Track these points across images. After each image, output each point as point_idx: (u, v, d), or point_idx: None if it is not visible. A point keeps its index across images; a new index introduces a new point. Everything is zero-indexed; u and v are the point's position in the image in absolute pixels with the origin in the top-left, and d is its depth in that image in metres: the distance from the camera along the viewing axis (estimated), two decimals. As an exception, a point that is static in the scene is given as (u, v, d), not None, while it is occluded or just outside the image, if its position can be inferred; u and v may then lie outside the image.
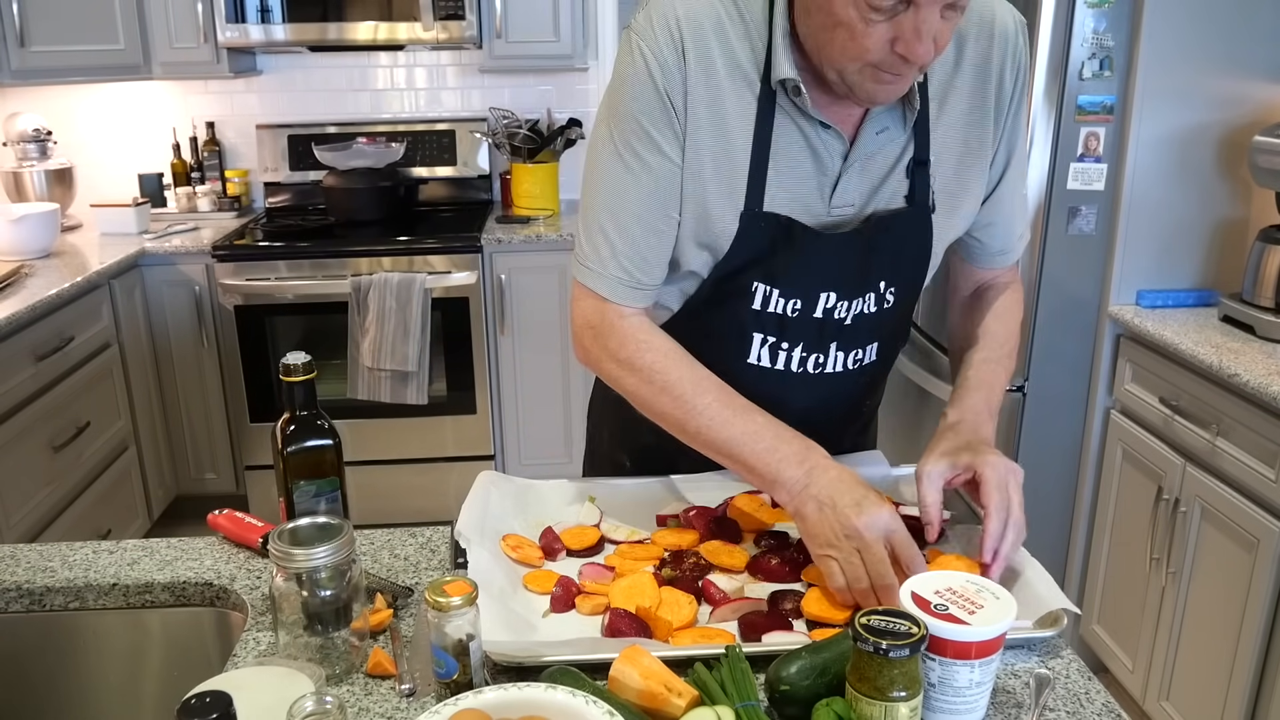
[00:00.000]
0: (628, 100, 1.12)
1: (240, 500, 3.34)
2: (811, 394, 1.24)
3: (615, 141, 1.14)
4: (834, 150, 1.14)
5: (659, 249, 1.16)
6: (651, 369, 1.15)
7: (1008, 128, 1.22)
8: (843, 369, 1.24)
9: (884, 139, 1.15)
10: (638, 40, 1.11)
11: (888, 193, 1.18)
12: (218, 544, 1.24)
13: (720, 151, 1.13)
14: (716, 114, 1.11)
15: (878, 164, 1.16)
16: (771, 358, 1.21)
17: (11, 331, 2.44)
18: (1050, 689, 0.93)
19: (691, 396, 1.13)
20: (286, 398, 1.12)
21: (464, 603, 0.89)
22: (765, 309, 1.18)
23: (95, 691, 1.18)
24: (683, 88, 1.10)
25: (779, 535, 1.19)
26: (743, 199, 1.13)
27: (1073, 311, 2.44)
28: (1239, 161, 2.31)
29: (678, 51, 1.09)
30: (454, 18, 3.22)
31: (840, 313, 1.19)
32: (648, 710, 0.87)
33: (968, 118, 1.18)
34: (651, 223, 1.14)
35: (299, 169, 3.63)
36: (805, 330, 1.20)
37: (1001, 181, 1.25)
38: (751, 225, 1.14)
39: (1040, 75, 2.28)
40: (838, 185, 1.15)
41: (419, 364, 3.12)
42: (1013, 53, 1.18)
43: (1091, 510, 2.54)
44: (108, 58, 3.22)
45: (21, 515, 2.46)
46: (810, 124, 1.12)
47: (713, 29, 1.10)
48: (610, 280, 1.16)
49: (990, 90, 1.18)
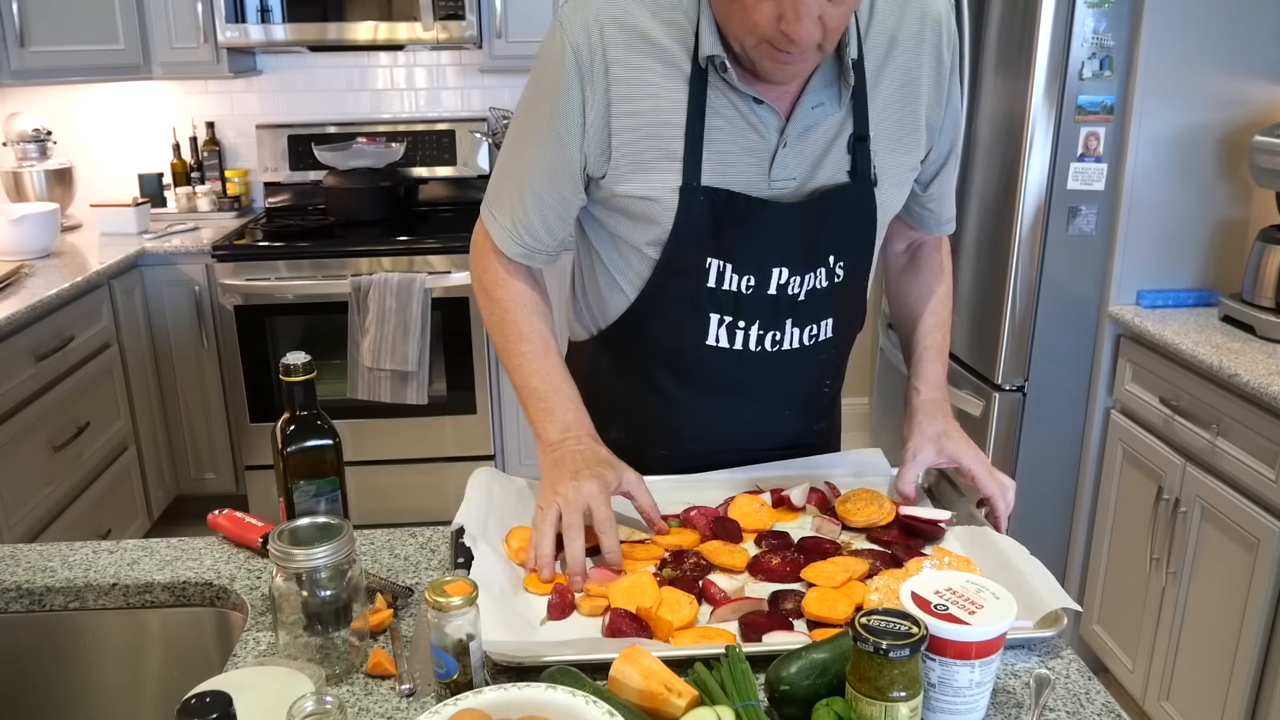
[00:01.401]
0: (541, 84, 1.20)
1: (240, 500, 3.33)
2: (771, 373, 1.27)
3: (529, 114, 1.23)
4: (770, 124, 1.18)
5: (545, 218, 1.24)
6: (501, 304, 1.28)
7: (952, 100, 1.27)
8: (800, 345, 1.27)
9: (820, 113, 1.18)
10: (560, 30, 1.17)
11: (830, 167, 1.21)
12: (218, 544, 1.24)
13: (653, 132, 1.17)
14: (647, 95, 1.16)
15: (816, 138, 1.20)
16: (730, 337, 1.24)
17: (11, 331, 2.44)
18: (1050, 689, 0.93)
19: (516, 339, 1.27)
20: (286, 398, 1.12)
21: (464, 603, 0.89)
22: (720, 286, 1.21)
23: (95, 691, 1.18)
24: (603, 77, 1.16)
25: (779, 535, 1.19)
26: (680, 174, 1.17)
27: (1073, 311, 2.44)
28: (1239, 161, 2.31)
29: (598, 43, 1.15)
30: (454, 18, 3.22)
31: (793, 288, 1.23)
32: (648, 710, 0.87)
33: (903, 94, 1.23)
34: (542, 194, 1.23)
35: (299, 169, 3.63)
36: (761, 307, 1.23)
37: (951, 154, 1.32)
38: (691, 199, 1.18)
39: (1040, 75, 2.28)
40: (775, 159, 1.18)
41: (419, 364, 3.12)
42: (946, 31, 1.24)
43: (1091, 510, 2.54)
44: (108, 58, 3.22)
45: (21, 515, 2.45)
46: (743, 99, 1.16)
47: (635, 17, 1.16)
48: (503, 232, 1.27)
49: (924, 68, 1.23)
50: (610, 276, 1.30)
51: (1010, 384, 2.50)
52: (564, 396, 1.24)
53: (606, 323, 1.33)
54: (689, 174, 1.17)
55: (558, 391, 1.24)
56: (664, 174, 1.17)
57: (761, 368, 1.27)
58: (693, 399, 1.30)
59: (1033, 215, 2.37)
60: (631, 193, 1.19)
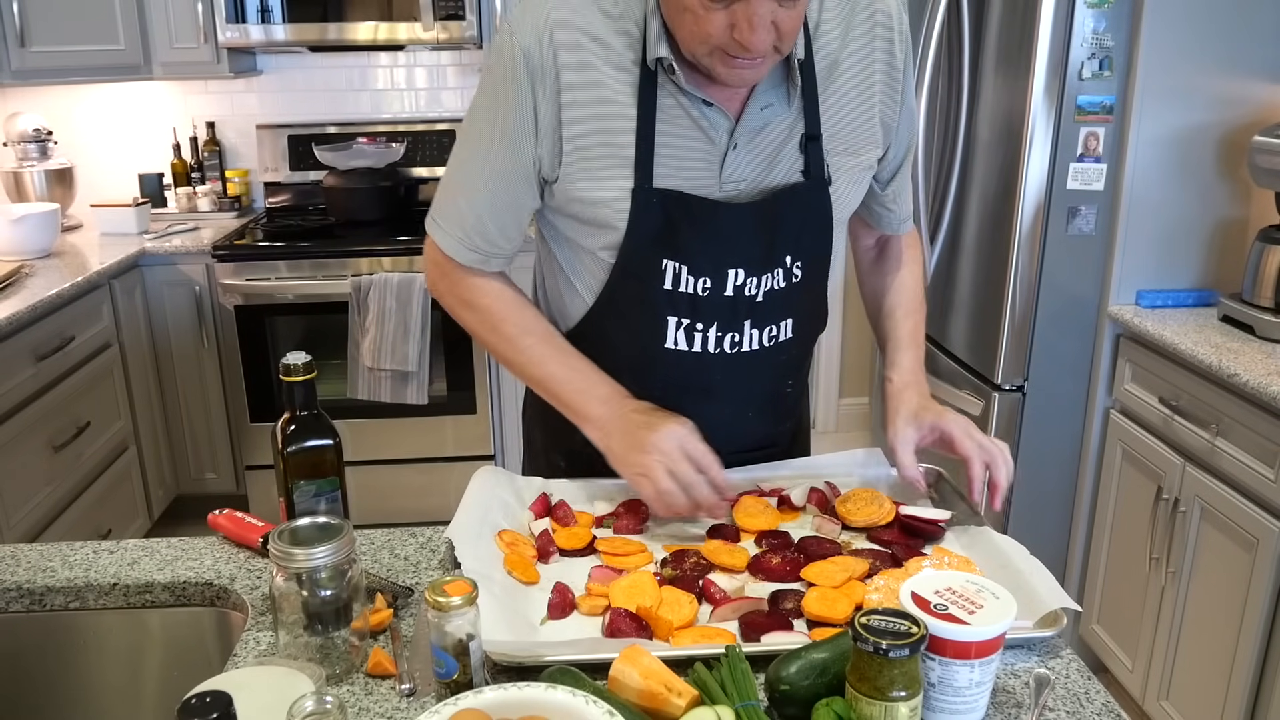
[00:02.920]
0: (493, 88, 1.20)
1: (240, 500, 3.33)
2: (731, 375, 1.27)
3: (479, 121, 1.22)
4: (719, 126, 1.18)
5: (501, 224, 1.24)
6: (487, 310, 1.28)
7: (906, 99, 1.27)
8: (759, 347, 1.27)
9: (769, 114, 1.19)
10: (510, 34, 1.17)
11: (783, 168, 1.21)
12: (218, 544, 1.24)
13: (604, 135, 1.17)
14: (596, 99, 1.16)
15: (767, 139, 1.20)
16: (688, 340, 1.24)
17: (12, 331, 2.44)
18: (1050, 689, 0.93)
19: (517, 336, 1.26)
20: (286, 398, 1.12)
21: (464, 603, 0.89)
22: (677, 289, 1.22)
23: (95, 691, 1.18)
24: (554, 80, 1.16)
25: (779, 535, 1.19)
26: (632, 177, 1.17)
27: (1072, 311, 2.44)
28: (1239, 161, 2.31)
29: (548, 47, 1.15)
30: (454, 18, 3.22)
31: (750, 289, 1.23)
32: (648, 710, 0.87)
33: (857, 93, 1.23)
34: (494, 196, 1.22)
35: (299, 169, 3.63)
36: (718, 309, 1.23)
37: (908, 154, 1.32)
38: (644, 201, 1.18)
39: (1040, 75, 2.29)
40: (725, 161, 1.19)
41: (419, 364, 3.12)
42: (898, 29, 1.24)
43: (1091, 510, 2.54)
44: (108, 58, 3.22)
45: (22, 515, 2.46)
46: (692, 101, 1.17)
47: (584, 20, 1.16)
48: (451, 239, 1.25)
49: (876, 65, 1.23)
50: (568, 280, 1.30)
51: (1010, 384, 2.50)
52: (588, 372, 1.24)
53: (567, 326, 1.33)
54: (641, 176, 1.17)
55: (579, 370, 1.24)
56: (615, 177, 1.18)
57: (721, 370, 1.26)
58: (654, 402, 1.27)
59: (1032, 215, 2.37)
60: (583, 196, 1.19)
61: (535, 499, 1.26)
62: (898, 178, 1.33)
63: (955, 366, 2.72)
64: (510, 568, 1.11)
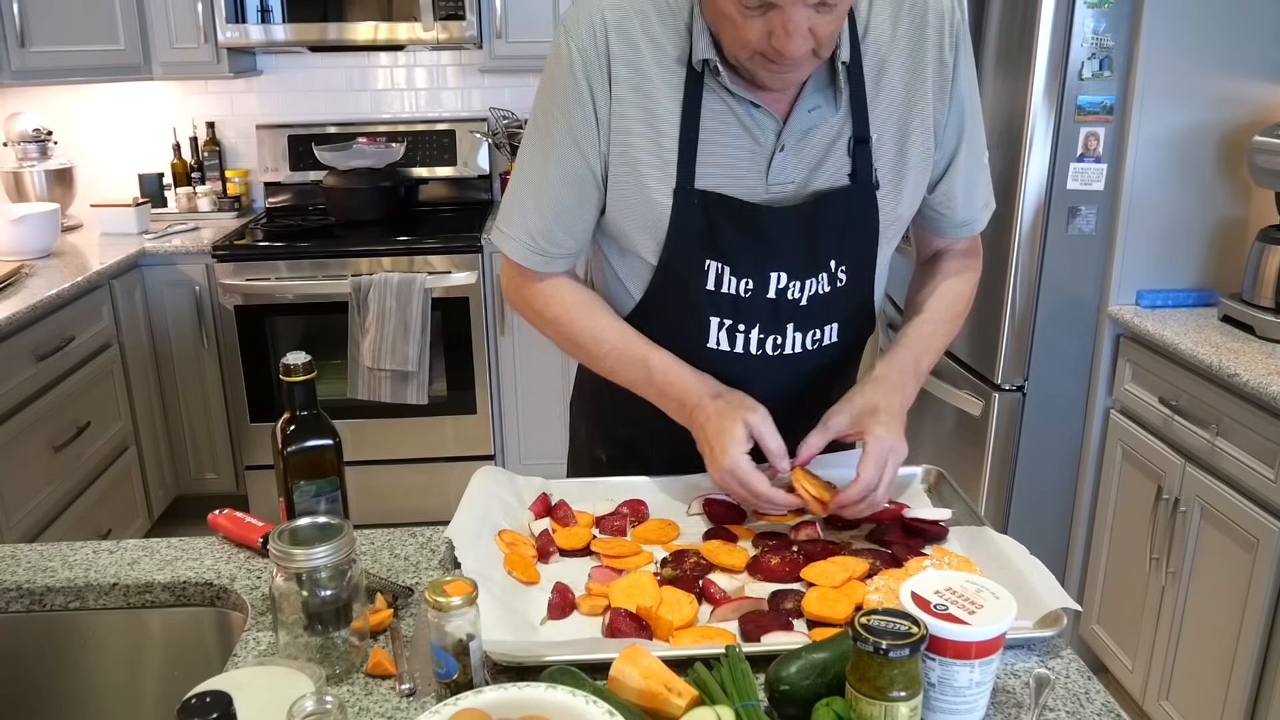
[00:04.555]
0: (552, 90, 1.21)
1: (240, 500, 3.34)
2: (774, 377, 1.26)
3: (540, 125, 1.23)
4: (766, 128, 1.18)
5: (568, 225, 1.24)
6: (559, 321, 1.28)
7: (956, 100, 1.24)
8: (802, 350, 1.26)
9: (816, 116, 1.18)
10: (565, 34, 1.19)
11: (830, 171, 1.20)
12: (218, 544, 1.24)
13: (650, 135, 1.18)
14: (644, 100, 1.17)
15: (814, 142, 1.19)
16: (730, 341, 1.24)
17: (12, 331, 2.44)
18: (1050, 689, 0.93)
19: (593, 347, 1.27)
20: (286, 398, 1.12)
21: (464, 603, 0.89)
22: (719, 289, 1.22)
23: (95, 691, 1.18)
24: (606, 79, 1.17)
25: (776, 535, 1.19)
26: (674, 177, 1.18)
27: (1073, 311, 2.44)
28: (1239, 161, 2.31)
29: (602, 45, 1.16)
30: (454, 18, 3.22)
31: (794, 293, 1.22)
32: (648, 710, 0.87)
33: (906, 95, 1.21)
34: (562, 202, 1.23)
35: (299, 169, 3.63)
36: (760, 311, 1.23)
37: (957, 154, 1.27)
38: (685, 202, 1.18)
39: (1040, 75, 2.28)
40: (773, 162, 1.18)
41: (419, 364, 3.12)
42: (949, 26, 1.21)
43: (1091, 510, 2.54)
44: (108, 58, 3.22)
45: (22, 515, 2.46)
46: (740, 103, 1.17)
47: (637, 19, 1.17)
48: (519, 246, 1.26)
49: (928, 66, 1.21)
50: (616, 278, 1.30)
51: (1010, 384, 2.50)
52: (665, 371, 1.22)
53: None
54: (683, 177, 1.17)
55: (657, 369, 1.23)
56: (659, 177, 1.18)
57: (764, 371, 1.26)
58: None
59: (1032, 215, 2.37)
60: (628, 195, 1.20)
61: (535, 499, 1.26)
62: (946, 180, 1.28)
63: (955, 366, 2.72)
64: (510, 568, 1.11)
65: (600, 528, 1.22)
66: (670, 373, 1.22)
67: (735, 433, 1.14)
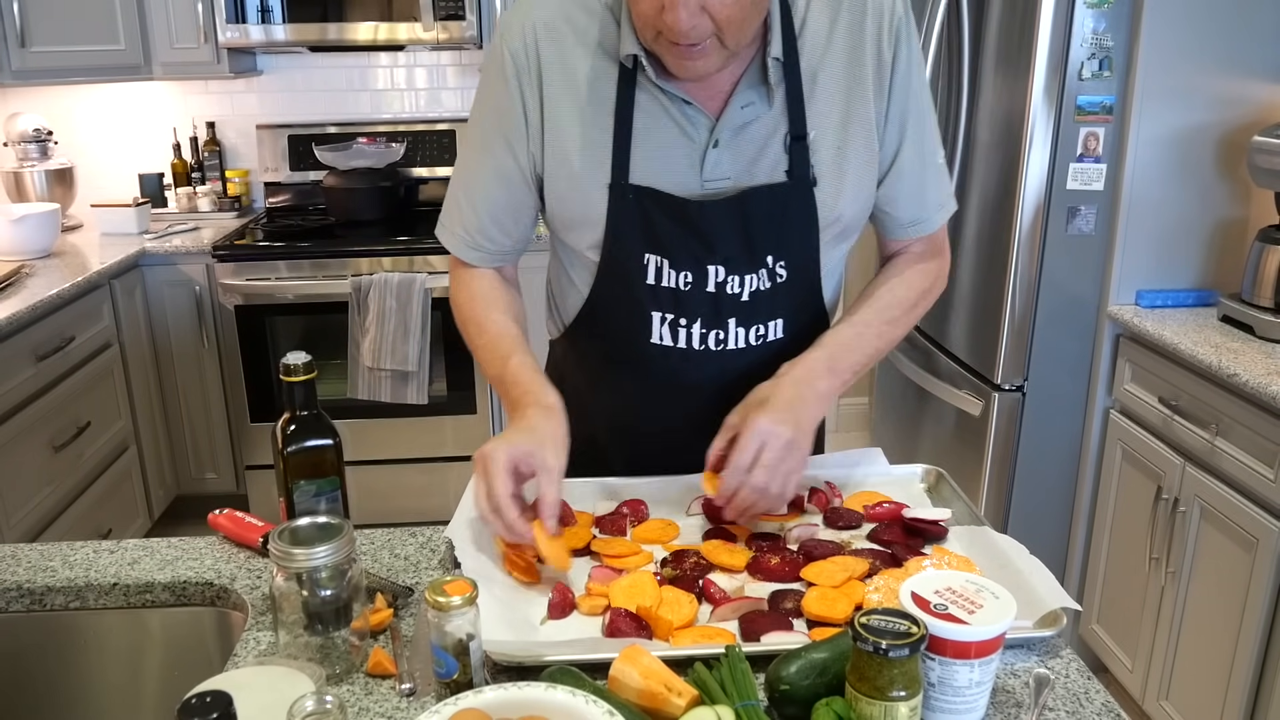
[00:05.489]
0: (486, 92, 1.25)
1: (240, 500, 3.34)
2: (717, 372, 1.27)
3: (475, 125, 1.27)
4: (699, 124, 1.19)
5: (500, 222, 1.28)
6: (461, 307, 1.32)
7: (896, 98, 1.22)
8: (745, 345, 1.26)
9: (750, 113, 1.19)
10: (500, 38, 1.23)
11: (766, 167, 1.20)
12: (218, 544, 1.24)
13: (585, 133, 1.20)
14: (577, 99, 1.20)
15: (750, 138, 1.20)
16: (673, 335, 1.25)
17: (12, 331, 2.44)
18: (1050, 689, 0.93)
19: (475, 335, 1.29)
20: (287, 398, 1.12)
21: (464, 603, 0.89)
22: (660, 283, 1.22)
23: (95, 691, 1.18)
24: (536, 82, 1.20)
25: (771, 537, 1.19)
26: (609, 173, 1.19)
27: (1072, 311, 2.44)
28: (1238, 161, 2.31)
29: (532, 48, 1.20)
30: (454, 18, 3.22)
31: (733, 287, 1.23)
32: (648, 710, 0.87)
33: (846, 93, 1.20)
34: (494, 199, 1.27)
35: (299, 169, 3.63)
36: (701, 305, 1.23)
37: (900, 153, 1.25)
38: (621, 197, 1.20)
39: (1040, 75, 2.29)
40: (706, 158, 1.19)
41: (419, 364, 3.12)
42: (889, 22, 1.20)
43: (1091, 510, 2.54)
44: (108, 58, 3.22)
45: (22, 515, 2.46)
46: (671, 100, 1.18)
47: (568, 23, 1.20)
48: (455, 239, 1.31)
49: (867, 64, 1.20)
50: (567, 275, 1.33)
51: (1010, 384, 2.50)
52: (513, 369, 1.21)
53: (567, 320, 1.36)
54: (618, 173, 1.19)
55: (508, 368, 1.22)
56: (594, 173, 1.20)
57: (708, 367, 1.26)
58: (645, 398, 1.30)
59: (1032, 215, 2.37)
60: (565, 194, 1.22)
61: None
62: (889, 179, 1.26)
63: (955, 366, 2.72)
64: (510, 568, 1.11)
65: (600, 528, 1.22)
66: (522, 372, 1.21)
67: (522, 440, 1.10)
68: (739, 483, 1.12)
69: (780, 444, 1.11)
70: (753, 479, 1.11)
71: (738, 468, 1.11)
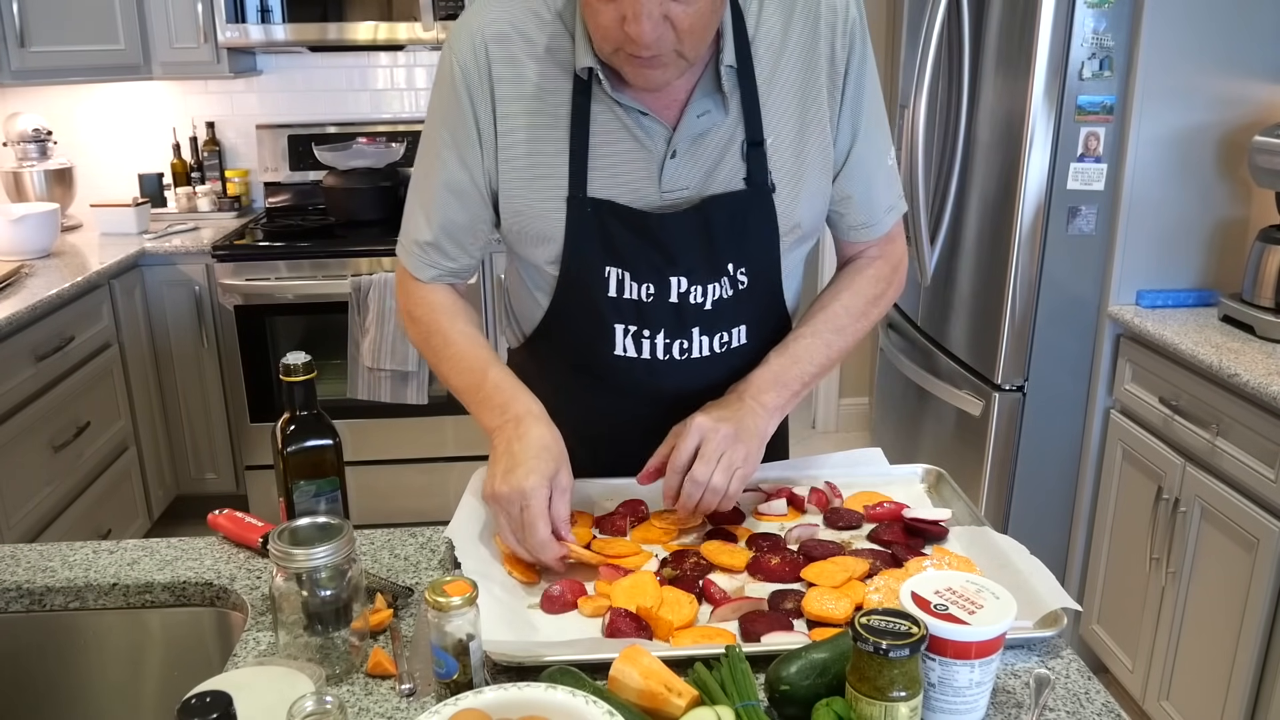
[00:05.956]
0: (437, 104, 1.22)
1: (240, 500, 3.34)
2: (682, 380, 1.26)
3: (428, 139, 1.24)
4: (655, 135, 1.17)
5: (455, 237, 1.26)
6: (422, 320, 1.28)
7: (848, 100, 1.22)
8: (710, 353, 1.25)
9: (707, 121, 1.17)
10: (449, 49, 1.19)
11: (724, 175, 1.19)
12: (218, 544, 1.24)
13: (540, 146, 1.18)
14: (531, 111, 1.18)
15: (708, 146, 1.19)
16: (636, 347, 1.24)
17: (11, 331, 2.44)
18: (1050, 689, 0.93)
19: (442, 347, 1.26)
20: (286, 398, 1.12)
21: (464, 603, 0.89)
22: (622, 295, 1.21)
23: (95, 691, 1.18)
24: (488, 93, 1.18)
25: (769, 537, 1.19)
26: (566, 187, 1.18)
27: (1073, 311, 2.44)
28: (1239, 161, 2.31)
29: (482, 59, 1.17)
30: (454, 18, 3.22)
31: (696, 297, 1.21)
32: (648, 710, 0.87)
33: (802, 96, 1.20)
34: (448, 215, 1.24)
35: (299, 169, 3.63)
36: (664, 316, 1.22)
37: (851, 155, 1.25)
38: (579, 210, 1.18)
39: (1040, 75, 2.28)
40: (664, 169, 1.18)
41: (419, 364, 3.12)
42: (843, 24, 1.20)
43: (1091, 510, 2.54)
44: (108, 58, 3.22)
45: (21, 515, 2.46)
46: (627, 112, 1.16)
47: (519, 34, 1.17)
48: (406, 251, 1.30)
49: (821, 66, 1.20)
50: (526, 288, 1.31)
51: (1010, 384, 2.50)
52: (496, 380, 1.20)
53: (528, 331, 1.34)
54: (575, 186, 1.17)
55: (487, 378, 1.20)
56: (551, 187, 1.18)
57: (673, 376, 1.25)
58: (609, 407, 1.28)
59: (1032, 215, 2.37)
60: (522, 208, 1.20)
61: None
62: (840, 179, 1.26)
63: (955, 366, 2.72)
64: (510, 568, 1.11)
65: (600, 528, 1.22)
66: (505, 381, 1.20)
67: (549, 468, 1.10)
68: (678, 479, 1.12)
69: (719, 437, 1.12)
70: (695, 473, 1.12)
71: (676, 465, 1.13)
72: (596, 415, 1.28)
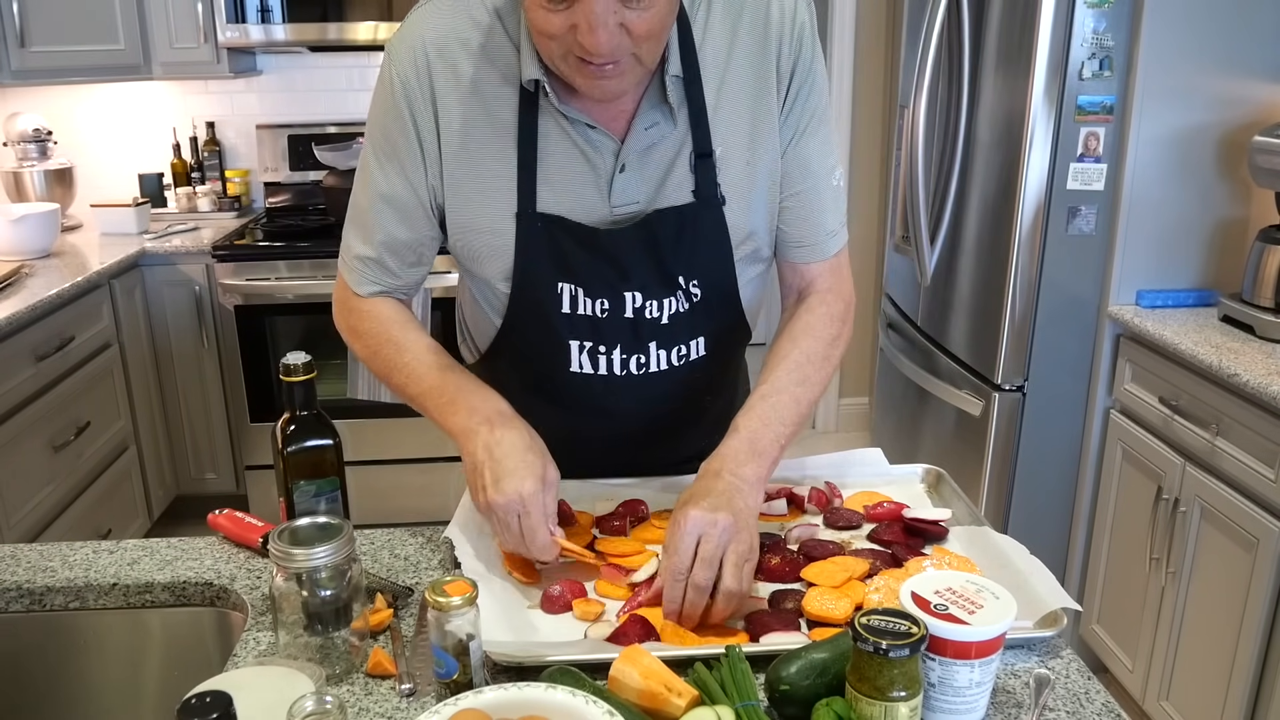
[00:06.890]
0: (377, 116, 1.19)
1: (240, 500, 3.33)
2: (641, 395, 1.23)
3: (369, 153, 1.20)
4: (604, 149, 1.14)
5: (398, 253, 1.23)
6: (369, 334, 1.25)
7: (791, 102, 1.18)
8: (668, 367, 1.22)
9: (655, 134, 1.14)
10: (388, 60, 1.16)
11: (673, 188, 1.16)
12: (218, 544, 1.24)
13: (486, 160, 1.15)
14: (476, 125, 1.14)
15: (656, 159, 1.16)
16: (592, 363, 1.21)
17: (12, 331, 2.44)
18: (1050, 689, 0.93)
19: (395, 355, 1.22)
20: (286, 398, 1.12)
21: (464, 603, 0.89)
22: (576, 311, 1.18)
23: (95, 691, 1.18)
24: (430, 106, 1.14)
25: (771, 537, 1.19)
26: (515, 202, 1.15)
27: (1073, 311, 2.44)
28: (1239, 161, 2.31)
29: (424, 71, 1.14)
30: (454, 18, 3.22)
31: (652, 312, 1.18)
32: (648, 710, 0.87)
33: (753, 105, 1.16)
34: (390, 231, 1.21)
35: (299, 169, 3.63)
36: (620, 332, 1.19)
37: (791, 154, 1.20)
38: (529, 226, 1.15)
39: (1040, 75, 2.29)
40: (614, 183, 1.15)
41: (419, 364, 3.12)
42: (792, 28, 1.16)
43: (1091, 510, 2.54)
44: (108, 58, 3.22)
45: (21, 515, 2.46)
46: (574, 125, 1.13)
47: (461, 44, 1.14)
48: (348, 267, 1.27)
49: (770, 72, 1.16)
50: (478, 305, 1.28)
51: (1010, 384, 2.50)
52: (459, 382, 1.17)
53: (483, 347, 1.31)
54: (524, 202, 1.14)
55: (450, 381, 1.17)
56: (499, 203, 1.15)
57: (630, 391, 1.22)
58: (569, 423, 1.24)
59: (1032, 215, 2.37)
60: (469, 224, 1.17)
61: None
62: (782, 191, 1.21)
63: (955, 366, 2.72)
64: (510, 568, 1.11)
65: (600, 528, 1.22)
66: (469, 383, 1.17)
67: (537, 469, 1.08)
68: (681, 587, 1.00)
69: (718, 531, 1.00)
70: (695, 578, 0.99)
71: (676, 571, 0.99)
72: (556, 430, 1.20)
